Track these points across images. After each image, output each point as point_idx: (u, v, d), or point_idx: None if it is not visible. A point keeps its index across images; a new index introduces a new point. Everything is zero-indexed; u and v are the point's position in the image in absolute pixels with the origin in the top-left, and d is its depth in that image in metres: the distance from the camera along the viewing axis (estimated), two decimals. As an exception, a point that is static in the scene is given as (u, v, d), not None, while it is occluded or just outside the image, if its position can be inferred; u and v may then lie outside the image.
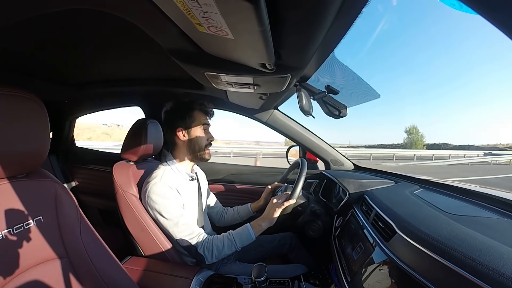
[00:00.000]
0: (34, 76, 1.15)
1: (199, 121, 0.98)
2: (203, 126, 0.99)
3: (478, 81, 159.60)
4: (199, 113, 0.99)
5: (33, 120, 0.56)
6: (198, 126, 0.98)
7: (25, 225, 0.55)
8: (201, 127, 0.98)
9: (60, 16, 0.63)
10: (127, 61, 1.05)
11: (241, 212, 1.21)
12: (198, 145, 0.98)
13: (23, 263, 0.53)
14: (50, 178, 0.64)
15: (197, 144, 0.98)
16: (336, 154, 1.50)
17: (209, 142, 1.01)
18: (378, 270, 0.59)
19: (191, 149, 0.98)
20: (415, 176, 1.12)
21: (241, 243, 0.90)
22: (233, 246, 0.89)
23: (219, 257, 0.89)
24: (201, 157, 1.00)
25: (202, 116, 0.99)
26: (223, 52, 0.60)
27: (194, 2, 0.34)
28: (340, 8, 0.42)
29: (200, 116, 0.98)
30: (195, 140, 0.97)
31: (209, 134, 1.01)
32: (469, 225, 0.54)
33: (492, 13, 0.24)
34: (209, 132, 1.02)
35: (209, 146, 1.01)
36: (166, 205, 0.87)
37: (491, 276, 0.37)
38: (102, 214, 1.79)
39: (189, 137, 0.98)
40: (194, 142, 0.98)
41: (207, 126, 1.01)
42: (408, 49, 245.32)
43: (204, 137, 0.99)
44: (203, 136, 0.99)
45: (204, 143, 0.99)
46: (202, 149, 0.99)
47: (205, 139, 0.99)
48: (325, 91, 0.81)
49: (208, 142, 1.00)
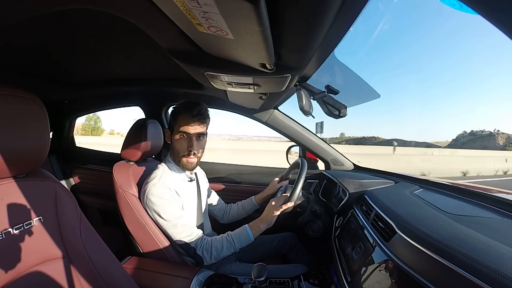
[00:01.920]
0: (34, 76, 1.15)
1: (180, 126, 0.90)
2: (182, 132, 0.90)
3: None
4: (182, 117, 0.90)
5: (33, 120, 0.56)
6: (178, 131, 0.91)
7: (25, 225, 0.55)
8: (179, 133, 0.91)
9: (60, 16, 0.63)
10: (127, 61, 1.05)
11: (245, 206, 1.21)
12: (176, 150, 0.93)
13: (23, 263, 0.53)
14: (50, 178, 0.64)
15: (176, 150, 0.94)
16: (336, 154, 1.50)
17: (188, 151, 0.91)
18: (378, 270, 0.59)
19: (173, 154, 0.97)
20: (415, 176, 1.12)
21: (239, 244, 0.90)
22: (232, 248, 0.89)
23: (218, 258, 0.89)
24: (180, 163, 0.94)
25: (185, 120, 0.89)
26: (223, 52, 0.60)
27: (194, 2, 0.34)
28: (340, 8, 0.42)
29: (183, 120, 0.90)
30: (173, 145, 0.94)
31: (190, 143, 0.91)
32: (469, 225, 0.54)
33: (492, 13, 0.24)
34: (190, 140, 0.91)
35: (188, 154, 0.92)
36: (165, 206, 0.87)
37: (491, 276, 0.37)
38: (102, 214, 1.79)
39: (172, 141, 0.95)
40: (173, 147, 0.95)
41: (185, 134, 0.91)
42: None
43: (182, 144, 0.91)
44: (181, 142, 0.91)
45: (182, 151, 0.92)
46: (179, 156, 0.93)
47: (183, 147, 0.91)
48: (325, 91, 0.80)
49: (187, 151, 0.91)
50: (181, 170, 0.98)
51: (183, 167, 0.95)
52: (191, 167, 0.96)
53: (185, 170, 0.98)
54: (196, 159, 0.95)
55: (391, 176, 1.17)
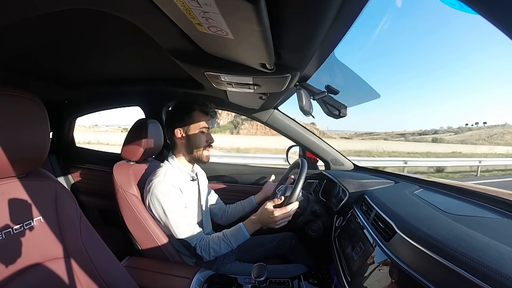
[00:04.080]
0: (34, 76, 1.16)
1: (198, 122, 0.96)
2: (201, 128, 0.97)
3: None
4: (198, 113, 0.97)
5: (33, 120, 0.56)
6: (197, 127, 0.96)
7: (25, 225, 0.55)
8: (199, 128, 0.97)
9: (60, 16, 0.63)
10: (127, 61, 1.05)
11: (244, 205, 1.22)
12: (196, 145, 0.97)
13: (23, 263, 0.53)
14: (50, 178, 0.64)
15: (195, 145, 0.97)
16: (336, 154, 1.50)
17: (208, 144, 0.99)
18: (378, 270, 0.59)
19: (188, 149, 0.98)
20: (415, 176, 1.12)
21: (236, 243, 0.90)
22: (229, 247, 0.89)
23: (217, 256, 0.90)
24: (198, 158, 0.99)
25: (201, 116, 0.97)
26: (223, 52, 0.60)
27: (194, 2, 0.34)
28: (340, 8, 0.42)
29: (199, 116, 0.97)
30: (192, 140, 0.97)
31: (209, 136, 1.00)
32: (469, 225, 0.54)
33: (492, 13, 0.24)
34: (209, 133, 1.00)
35: (208, 148, 0.99)
36: (169, 204, 0.87)
37: (491, 276, 0.37)
38: (102, 214, 1.79)
39: (187, 137, 0.97)
40: (192, 143, 0.97)
41: (205, 128, 0.98)
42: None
43: (202, 138, 0.98)
44: (201, 136, 0.97)
45: (202, 144, 0.97)
46: (199, 150, 0.97)
47: (203, 141, 0.98)
48: (325, 91, 0.80)
49: (207, 144, 0.99)
50: (184, 169, 0.99)
51: (201, 160, 1.00)
52: (207, 160, 1.01)
53: (198, 163, 1.05)
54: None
55: (391, 176, 1.17)
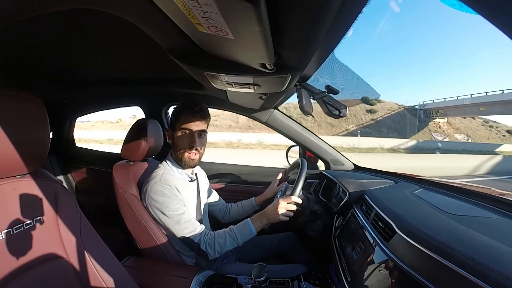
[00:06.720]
0: (34, 76, 1.16)
1: (181, 124, 0.93)
2: (185, 129, 0.93)
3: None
4: (184, 115, 0.93)
5: (33, 120, 0.56)
6: (182, 129, 0.93)
7: (25, 225, 0.55)
8: (183, 130, 0.93)
9: (60, 16, 0.63)
10: (127, 61, 1.05)
11: (245, 206, 1.21)
12: (178, 147, 0.95)
13: (23, 264, 0.53)
14: (50, 178, 0.64)
15: (177, 147, 0.95)
16: (336, 154, 1.50)
17: (190, 146, 0.93)
18: (378, 270, 0.59)
19: (174, 151, 0.98)
20: (415, 176, 1.12)
21: (242, 239, 0.89)
22: (235, 242, 0.89)
23: (222, 253, 0.89)
24: (182, 161, 0.95)
25: (186, 119, 0.93)
26: (223, 52, 0.60)
27: (194, 2, 0.34)
28: (340, 8, 0.42)
29: (184, 118, 0.93)
30: (176, 142, 0.96)
31: (192, 139, 0.93)
32: (469, 225, 0.54)
33: (492, 13, 0.24)
34: (193, 136, 0.93)
35: (190, 150, 0.94)
36: (167, 203, 0.87)
37: (491, 276, 0.37)
38: (102, 214, 1.79)
39: (174, 139, 0.96)
40: (175, 145, 0.96)
41: (187, 131, 0.93)
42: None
43: (184, 140, 0.93)
44: (184, 138, 0.93)
45: (183, 147, 0.94)
46: (181, 152, 0.95)
47: (185, 144, 0.93)
48: (325, 91, 0.81)
49: (188, 147, 0.93)
50: (181, 170, 0.99)
51: (185, 164, 0.96)
52: (193, 164, 0.97)
53: (186, 168, 0.99)
54: (198, 155, 0.97)
55: (391, 176, 1.17)
